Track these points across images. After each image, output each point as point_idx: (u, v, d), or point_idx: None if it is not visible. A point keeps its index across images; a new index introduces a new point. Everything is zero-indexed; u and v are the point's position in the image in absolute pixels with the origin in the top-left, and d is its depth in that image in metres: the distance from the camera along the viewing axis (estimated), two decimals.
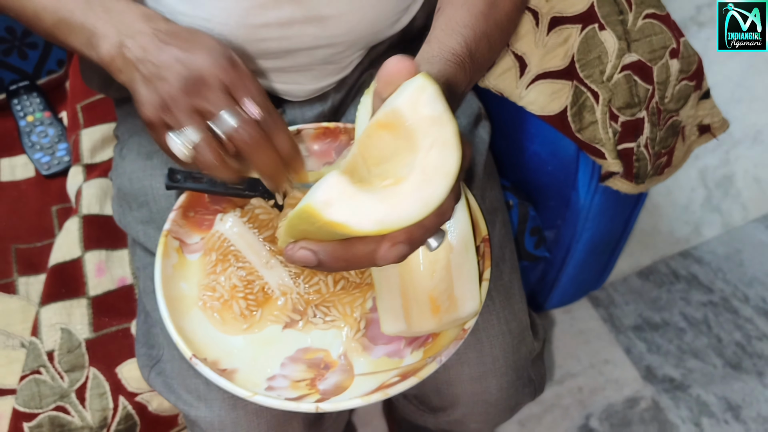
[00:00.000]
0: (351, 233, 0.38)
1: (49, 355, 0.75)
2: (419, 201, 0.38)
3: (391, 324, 0.58)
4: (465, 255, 0.59)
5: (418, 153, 0.39)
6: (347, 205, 0.37)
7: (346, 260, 0.41)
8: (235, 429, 0.62)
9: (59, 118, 1.03)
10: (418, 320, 0.58)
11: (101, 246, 0.83)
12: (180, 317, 0.61)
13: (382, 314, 0.59)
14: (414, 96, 0.39)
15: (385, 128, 0.42)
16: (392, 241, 0.40)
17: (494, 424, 0.70)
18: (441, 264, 0.59)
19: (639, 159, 0.81)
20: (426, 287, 0.59)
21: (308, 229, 0.41)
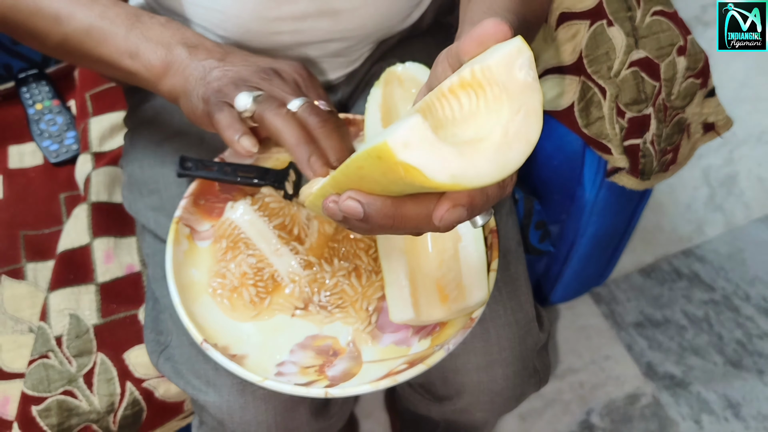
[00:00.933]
0: (422, 182, 0.35)
1: (58, 340, 0.76)
2: (497, 163, 0.36)
3: (399, 312, 0.59)
4: (473, 245, 0.59)
5: (503, 116, 0.37)
6: (426, 150, 0.35)
7: (395, 219, 0.39)
8: (243, 414, 0.62)
9: (68, 106, 1.03)
10: (426, 309, 0.59)
11: (109, 233, 0.84)
12: (190, 303, 0.62)
13: (391, 303, 0.59)
14: (510, 58, 0.37)
15: (470, 87, 0.39)
16: (454, 202, 0.37)
17: (499, 414, 0.71)
18: (449, 254, 0.60)
19: (645, 155, 0.81)
20: (434, 277, 0.60)
21: (367, 174, 0.38)
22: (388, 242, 0.62)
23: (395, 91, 0.68)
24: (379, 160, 0.35)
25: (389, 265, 0.60)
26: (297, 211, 0.68)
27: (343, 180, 0.41)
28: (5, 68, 1.05)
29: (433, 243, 0.61)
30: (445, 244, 0.61)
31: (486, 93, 0.38)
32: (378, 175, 0.37)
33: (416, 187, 0.36)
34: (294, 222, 0.67)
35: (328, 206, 0.40)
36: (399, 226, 0.39)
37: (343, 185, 0.40)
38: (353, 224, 0.40)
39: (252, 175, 0.69)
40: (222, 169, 0.68)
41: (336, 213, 0.40)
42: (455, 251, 0.60)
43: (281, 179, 0.69)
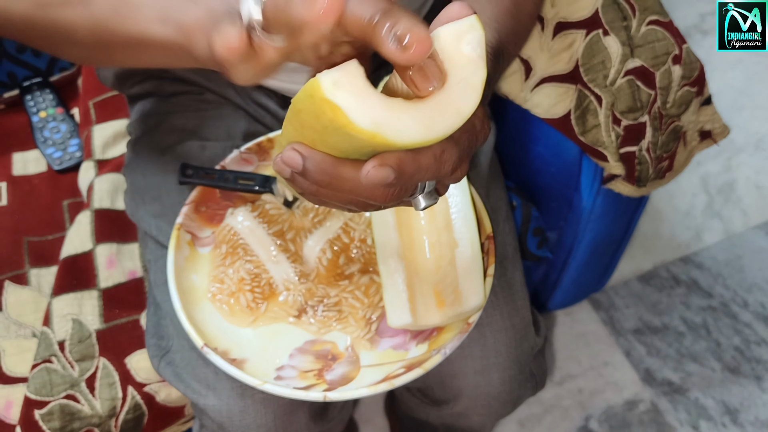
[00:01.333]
0: (344, 125, 0.34)
1: (60, 345, 0.77)
2: (423, 124, 0.35)
3: (397, 317, 0.60)
4: (470, 251, 0.60)
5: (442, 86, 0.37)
6: (354, 93, 0.34)
7: (332, 177, 0.38)
8: (242, 417, 0.63)
9: (71, 114, 1.05)
10: (423, 314, 0.60)
11: (112, 239, 0.85)
12: (191, 308, 0.63)
13: (389, 308, 0.60)
14: (461, 32, 0.37)
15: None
16: (381, 161, 0.36)
17: (496, 418, 0.72)
18: (446, 260, 0.61)
19: (641, 162, 0.82)
20: (431, 282, 0.61)
21: (305, 119, 0.37)
22: (387, 248, 0.63)
23: None
24: (311, 98, 0.35)
25: (387, 270, 0.61)
26: (298, 220, 0.69)
27: (289, 130, 0.40)
28: (9, 76, 1.06)
29: (430, 249, 0.62)
30: (442, 250, 0.62)
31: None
32: (311, 119, 0.36)
33: (343, 133, 0.35)
34: (292, 229, 0.68)
35: (276, 161, 0.39)
36: (336, 186, 0.38)
37: (291, 137, 0.40)
38: (296, 181, 0.39)
39: (252, 182, 0.70)
40: (223, 177, 0.69)
41: (282, 168, 0.39)
42: (452, 257, 0.61)
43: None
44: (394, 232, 0.62)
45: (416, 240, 0.63)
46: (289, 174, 0.39)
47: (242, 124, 0.78)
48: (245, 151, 0.73)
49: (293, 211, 0.70)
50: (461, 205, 0.62)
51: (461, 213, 0.62)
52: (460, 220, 0.61)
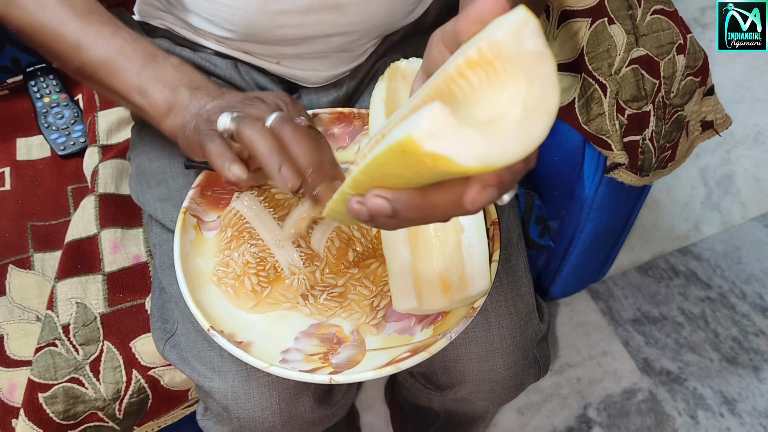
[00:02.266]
0: (451, 169, 0.34)
1: (65, 329, 0.77)
2: (523, 138, 0.34)
3: (403, 302, 0.60)
4: (476, 237, 0.61)
5: (520, 89, 0.35)
6: (451, 137, 0.33)
7: (424, 210, 0.38)
8: (247, 400, 0.64)
9: (75, 100, 1.04)
10: (429, 299, 0.60)
11: (117, 224, 0.85)
12: (197, 291, 0.63)
13: (395, 293, 0.61)
14: (517, 29, 0.35)
15: (478, 66, 0.37)
16: (483, 183, 0.36)
17: (499, 403, 0.72)
18: (452, 246, 0.62)
19: (644, 152, 0.83)
20: (437, 268, 0.61)
21: (391, 170, 0.37)
22: (392, 234, 0.63)
23: (399, 85, 0.69)
24: (404, 154, 0.34)
25: (393, 256, 0.62)
26: (304, 206, 0.69)
27: (365, 180, 0.40)
28: (13, 62, 1.06)
29: (435, 235, 0.63)
30: (447, 237, 0.62)
31: (497, 70, 0.37)
32: (402, 170, 0.36)
33: (444, 174, 0.36)
34: None
35: (354, 207, 0.40)
36: (428, 216, 0.39)
37: (365, 185, 0.40)
38: (381, 222, 0.40)
39: (259, 168, 0.70)
40: None
41: (362, 213, 0.39)
42: (458, 243, 0.61)
43: None
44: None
45: (421, 227, 0.63)
46: (368, 217, 0.39)
47: None
48: None
49: (299, 196, 0.70)
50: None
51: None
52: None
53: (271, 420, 0.64)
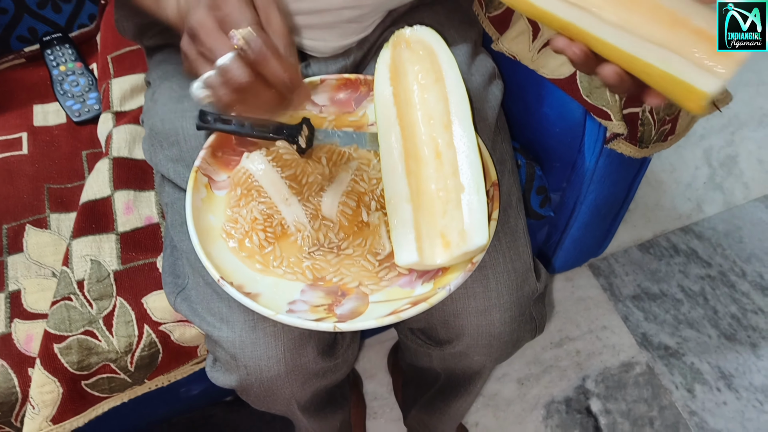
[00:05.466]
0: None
1: (79, 284, 0.80)
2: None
3: (404, 256, 0.62)
4: (475, 195, 0.63)
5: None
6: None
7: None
8: (254, 348, 0.67)
9: (90, 68, 1.07)
10: (430, 254, 0.62)
11: (129, 186, 0.88)
12: (208, 245, 0.66)
13: (396, 247, 0.63)
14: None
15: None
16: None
17: (496, 358, 0.75)
18: (452, 204, 0.64)
19: (644, 123, 0.84)
20: (438, 224, 0.64)
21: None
22: (395, 194, 0.65)
23: (403, 52, 0.71)
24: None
25: (395, 211, 0.64)
26: (311, 166, 0.72)
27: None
28: (30, 31, 1.09)
29: (437, 194, 0.65)
30: (448, 195, 0.64)
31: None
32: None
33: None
34: (304, 173, 0.71)
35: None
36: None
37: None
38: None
39: (267, 130, 0.72)
40: (239, 123, 0.72)
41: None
42: (458, 201, 0.63)
43: (295, 134, 0.72)
44: (403, 180, 0.65)
45: (424, 186, 0.66)
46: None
47: None
48: None
49: (306, 157, 0.72)
50: (468, 152, 0.64)
51: (468, 159, 0.64)
52: (467, 166, 0.64)
53: (276, 368, 0.67)
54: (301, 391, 0.72)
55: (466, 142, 0.64)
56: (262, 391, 0.70)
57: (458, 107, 0.65)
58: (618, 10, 0.53)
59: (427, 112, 0.67)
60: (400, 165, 0.66)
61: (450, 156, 0.66)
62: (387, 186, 0.66)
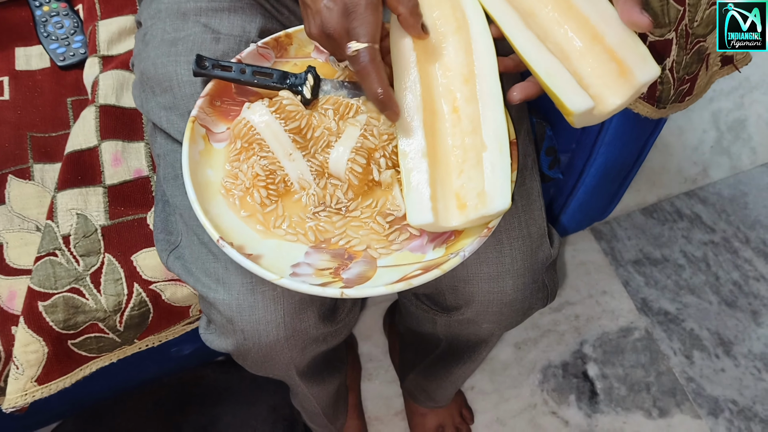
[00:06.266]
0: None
1: (65, 239, 0.75)
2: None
3: (418, 216, 0.57)
4: (498, 155, 0.58)
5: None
6: None
7: None
8: (252, 312, 0.63)
9: (75, 9, 1.01)
10: (444, 215, 0.58)
11: (117, 137, 0.83)
12: (206, 202, 0.61)
13: (409, 206, 0.58)
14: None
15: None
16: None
17: (506, 326, 0.72)
18: (471, 163, 0.59)
19: (663, 82, 0.80)
20: (454, 185, 0.59)
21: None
22: (411, 149, 0.60)
23: None
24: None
25: (410, 166, 0.59)
26: (317, 119, 0.67)
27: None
28: None
29: (454, 152, 0.61)
30: (466, 154, 0.60)
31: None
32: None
33: None
34: (309, 127, 0.66)
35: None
36: None
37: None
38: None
39: (270, 78, 0.67)
40: (239, 70, 0.67)
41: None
42: (478, 161, 0.59)
43: (299, 83, 0.67)
44: (420, 132, 0.60)
45: (439, 142, 0.61)
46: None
47: (258, 20, 0.75)
48: (262, 46, 0.70)
49: (311, 108, 0.68)
50: (493, 108, 0.60)
51: (492, 116, 0.59)
52: (491, 122, 0.59)
53: (275, 333, 0.64)
54: (301, 357, 0.69)
55: (491, 97, 0.59)
56: (260, 356, 0.66)
57: (483, 58, 0.60)
58: (548, 17, 0.60)
59: (444, 63, 0.62)
60: (417, 117, 0.61)
61: (470, 111, 0.61)
62: (402, 139, 0.61)
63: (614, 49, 0.57)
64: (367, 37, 0.55)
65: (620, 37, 0.57)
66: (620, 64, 0.57)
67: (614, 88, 0.57)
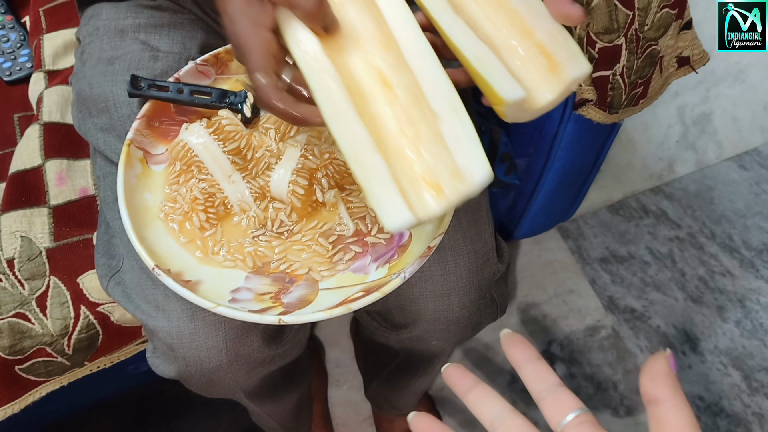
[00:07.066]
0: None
1: (9, 263, 0.74)
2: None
3: (394, 219, 0.48)
4: (456, 120, 0.49)
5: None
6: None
7: None
8: (193, 339, 0.62)
9: (22, 22, 0.98)
10: (421, 206, 0.49)
11: (62, 155, 0.81)
12: (143, 228, 0.60)
13: (381, 212, 0.49)
14: None
15: None
16: None
17: (456, 342, 0.71)
18: (426, 139, 0.50)
19: (614, 88, 0.80)
20: (415, 170, 0.50)
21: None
22: (354, 141, 0.50)
23: None
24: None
25: (364, 171, 0.50)
26: (257, 139, 0.65)
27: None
28: None
29: (403, 133, 0.51)
30: (418, 130, 0.50)
31: None
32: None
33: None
34: (249, 147, 0.65)
35: None
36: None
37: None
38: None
39: (209, 97, 0.66)
40: (177, 90, 0.65)
41: None
42: (434, 134, 0.49)
43: (239, 101, 0.66)
44: (358, 124, 0.50)
45: (383, 128, 0.51)
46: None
47: (200, 36, 0.74)
48: (201, 63, 0.69)
49: (252, 127, 0.66)
50: (428, 69, 0.50)
51: (432, 78, 0.50)
52: (432, 86, 0.50)
53: (217, 359, 0.63)
54: (247, 380, 0.68)
55: (421, 57, 0.51)
56: (203, 381, 0.65)
57: (394, 14, 0.51)
58: (476, 10, 0.53)
59: (351, 36, 0.53)
60: (347, 107, 0.51)
61: (403, 81, 0.51)
62: (342, 139, 0.50)
63: (544, 44, 0.52)
64: (256, 67, 0.47)
65: (550, 33, 0.51)
66: (550, 59, 0.51)
67: (545, 84, 0.51)
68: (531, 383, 0.39)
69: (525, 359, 0.40)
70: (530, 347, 0.41)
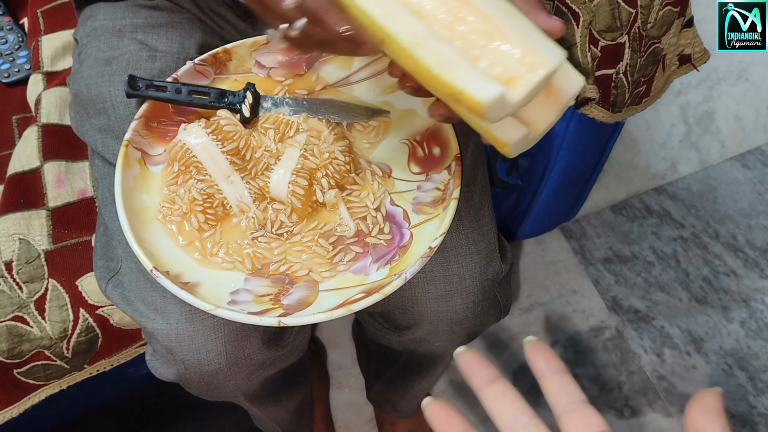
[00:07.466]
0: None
1: (7, 266, 0.73)
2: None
3: (485, 90, 0.43)
4: (519, 17, 0.45)
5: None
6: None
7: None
8: (192, 342, 0.61)
9: (20, 24, 0.98)
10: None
11: (61, 157, 0.80)
12: (142, 229, 0.59)
13: (468, 85, 0.44)
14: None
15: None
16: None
17: (459, 343, 0.70)
18: (479, 45, 0.45)
19: (617, 86, 0.79)
20: (481, 67, 0.45)
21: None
22: (412, 33, 0.46)
23: None
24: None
25: (434, 53, 0.45)
26: (256, 139, 0.65)
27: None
28: None
29: (454, 43, 0.46)
30: (469, 40, 0.45)
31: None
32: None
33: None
34: (248, 147, 0.64)
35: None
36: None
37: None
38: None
39: (207, 97, 0.65)
40: (175, 90, 0.65)
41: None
42: (489, 39, 0.45)
43: (238, 101, 0.65)
44: (414, 21, 0.45)
45: (442, 29, 0.46)
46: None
47: (198, 36, 0.73)
48: (200, 63, 0.68)
49: (250, 127, 0.66)
50: None
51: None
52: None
53: (216, 362, 0.62)
54: (247, 383, 0.67)
55: None
56: (203, 384, 0.65)
57: None
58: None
59: None
60: (400, 9, 0.46)
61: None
62: (402, 33, 0.45)
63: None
64: None
65: (518, 27, 0.44)
66: (547, 88, 0.49)
67: (544, 110, 0.49)
68: (553, 396, 0.36)
69: (550, 370, 0.37)
70: (556, 358, 0.37)
